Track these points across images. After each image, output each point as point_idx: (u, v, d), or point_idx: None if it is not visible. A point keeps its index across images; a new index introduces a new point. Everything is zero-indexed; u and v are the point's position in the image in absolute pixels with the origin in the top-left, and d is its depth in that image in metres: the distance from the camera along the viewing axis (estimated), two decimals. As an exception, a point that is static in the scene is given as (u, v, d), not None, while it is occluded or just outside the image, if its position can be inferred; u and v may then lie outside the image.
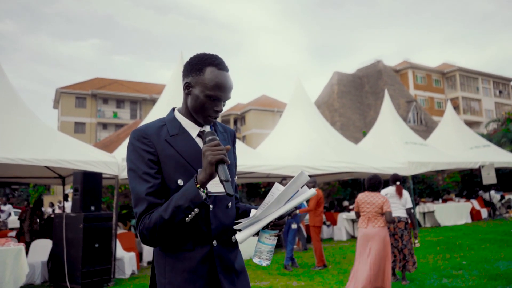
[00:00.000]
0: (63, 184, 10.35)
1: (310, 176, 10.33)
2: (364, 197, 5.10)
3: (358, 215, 5.18)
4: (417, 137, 15.64)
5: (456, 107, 42.80)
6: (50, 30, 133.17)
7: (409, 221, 6.06)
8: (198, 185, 1.40)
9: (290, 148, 11.70)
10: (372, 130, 16.36)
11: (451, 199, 16.03)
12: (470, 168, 15.59)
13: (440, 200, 15.90)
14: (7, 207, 13.37)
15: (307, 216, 10.36)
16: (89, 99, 39.11)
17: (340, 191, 18.65)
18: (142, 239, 1.47)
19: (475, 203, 15.64)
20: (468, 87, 46.82)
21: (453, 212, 14.21)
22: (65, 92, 38.13)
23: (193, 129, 1.59)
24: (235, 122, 49.23)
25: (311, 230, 7.66)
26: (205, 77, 1.52)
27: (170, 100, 10.18)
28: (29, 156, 6.56)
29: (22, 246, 6.25)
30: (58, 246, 6.59)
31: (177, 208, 1.40)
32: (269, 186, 17.84)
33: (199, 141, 1.58)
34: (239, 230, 1.50)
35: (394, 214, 5.96)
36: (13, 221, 12.78)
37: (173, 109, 1.66)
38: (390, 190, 6.20)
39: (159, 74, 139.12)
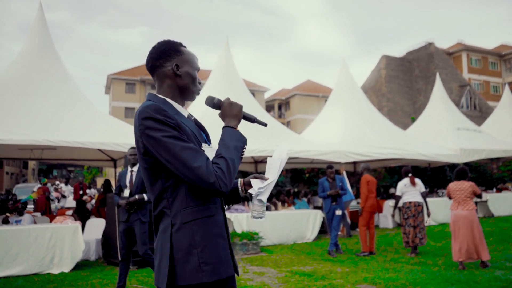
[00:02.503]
0: (115, 167, 10.84)
1: (364, 161, 10.15)
2: (454, 186, 6.06)
3: (450, 198, 6.17)
4: (470, 123, 14.94)
5: (514, 92, 40.22)
6: (101, 19, 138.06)
7: (427, 203, 7.40)
8: (236, 129, 1.66)
9: (335, 134, 11.55)
10: (421, 116, 15.80)
11: (506, 189, 15.22)
12: (528, 156, 14.70)
13: (494, 190, 15.15)
14: (67, 188, 14.15)
15: (353, 203, 10.25)
16: (138, 84, 40.33)
17: (386, 178, 18.24)
18: (222, 185, 1.51)
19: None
20: (529, 70, 43.78)
21: (508, 202, 13.49)
22: (116, 78, 39.53)
23: (183, 111, 1.73)
24: (279, 107, 49.09)
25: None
26: (186, 55, 1.73)
27: (216, 85, 10.31)
28: (85, 140, 6.92)
29: (78, 224, 6.65)
30: (111, 225, 6.93)
31: (235, 148, 1.60)
32: (313, 171, 17.75)
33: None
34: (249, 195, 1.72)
35: (413, 200, 7.32)
36: (70, 201, 13.54)
37: (154, 94, 1.70)
38: (406, 181, 7.45)
39: (205, 60, 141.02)
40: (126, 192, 5.08)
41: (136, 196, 4.93)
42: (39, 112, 7.35)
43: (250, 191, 1.70)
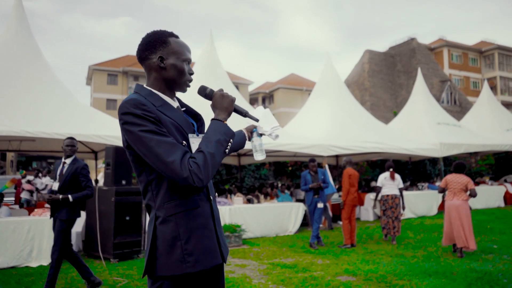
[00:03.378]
0: (96, 159, 10.69)
1: (346, 155, 10.18)
2: (452, 178, 6.52)
3: (442, 190, 6.60)
4: (450, 118, 15.21)
5: (493, 88, 41.02)
6: (84, 9, 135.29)
7: (403, 197, 8.05)
8: (224, 122, 1.63)
9: (318, 127, 11.62)
10: (403, 110, 16.00)
11: (483, 182, 15.59)
12: (506, 151, 15.07)
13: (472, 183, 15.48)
14: (46, 179, 13.89)
15: (334, 196, 10.34)
16: (120, 76, 39.74)
17: (368, 172, 18.46)
18: (196, 180, 1.47)
19: (509, 187, 15.15)
20: (507, 66, 44.69)
21: (485, 195, 13.83)
22: (97, 69, 38.86)
23: (172, 102, 1.70)
24: (263, 101, 49.08)
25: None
26: (173, 46, 1.68)
27: (199, 78, 10.23)
28: (65, 131, 6.79)
29: (58, 217, 6.54)
30: (91, 218, 6.85)
31: (218, 142, 1.56)
32: (296, 165, 17.84)
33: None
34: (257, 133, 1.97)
35: (390, 193, 7.94)
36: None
37: (141, 86, 1.68)
38: (386, 174, 8.04)
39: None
40: (55, 185, 4.75)
41: (60, 196, 4.58)
42: (17, 102, 7.18)
43: (265, 129, 1.96)
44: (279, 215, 9.28)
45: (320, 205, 7.64)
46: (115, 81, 39.66)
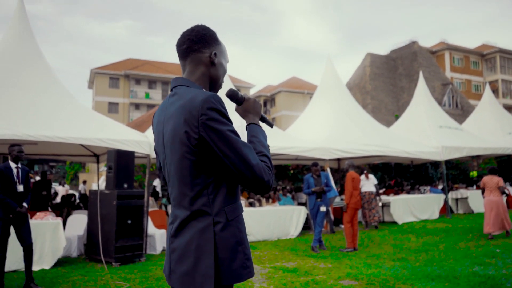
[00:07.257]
0: (98, 162, 10.68)
1: (348, 158, 10.13)
2: (488, 178, 8.42)
3: (483, 190, 8.48)
4: (452, 121, 15.18)
5: (495, 91, 41.00)
6: (86, 11, 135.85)
7: (379, 192, 10.72)
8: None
9: (319, 131, 11.60)
10: (405, 114, 15.98)
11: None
12: (508, 154, 15.03)
13: (474, 187, 15.44)
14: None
15: (336, 199, 10.33)
16: (122, 79, 39.82)
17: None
18: (272, 183, 1.49)
19: None
20: (509, 69, 44.64)
21: (487, 199, 13.75)
22: (99, 72, 38.94)
23: None
24: (265, 104, 49.10)
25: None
26: (222, 47, 1.69)
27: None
28: (66, 134, 6.79)
29: (59, 220, 6.55)
30: (93, 222, 6.84)
31: (267, 146, 1.59)
32: (297, 168, 17.82)
33: None
34: None
35: (368, 190, 10.46)
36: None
37: (192, 82, 1.59)
38: (362, 177, 10.53)
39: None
40: (20, 188, 5.17)
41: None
42: (18, 104, 7.18)
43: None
44: (281, 219, 9.26)
45: (323, 208, 7.62)
46: (117, 84, 39.74)
